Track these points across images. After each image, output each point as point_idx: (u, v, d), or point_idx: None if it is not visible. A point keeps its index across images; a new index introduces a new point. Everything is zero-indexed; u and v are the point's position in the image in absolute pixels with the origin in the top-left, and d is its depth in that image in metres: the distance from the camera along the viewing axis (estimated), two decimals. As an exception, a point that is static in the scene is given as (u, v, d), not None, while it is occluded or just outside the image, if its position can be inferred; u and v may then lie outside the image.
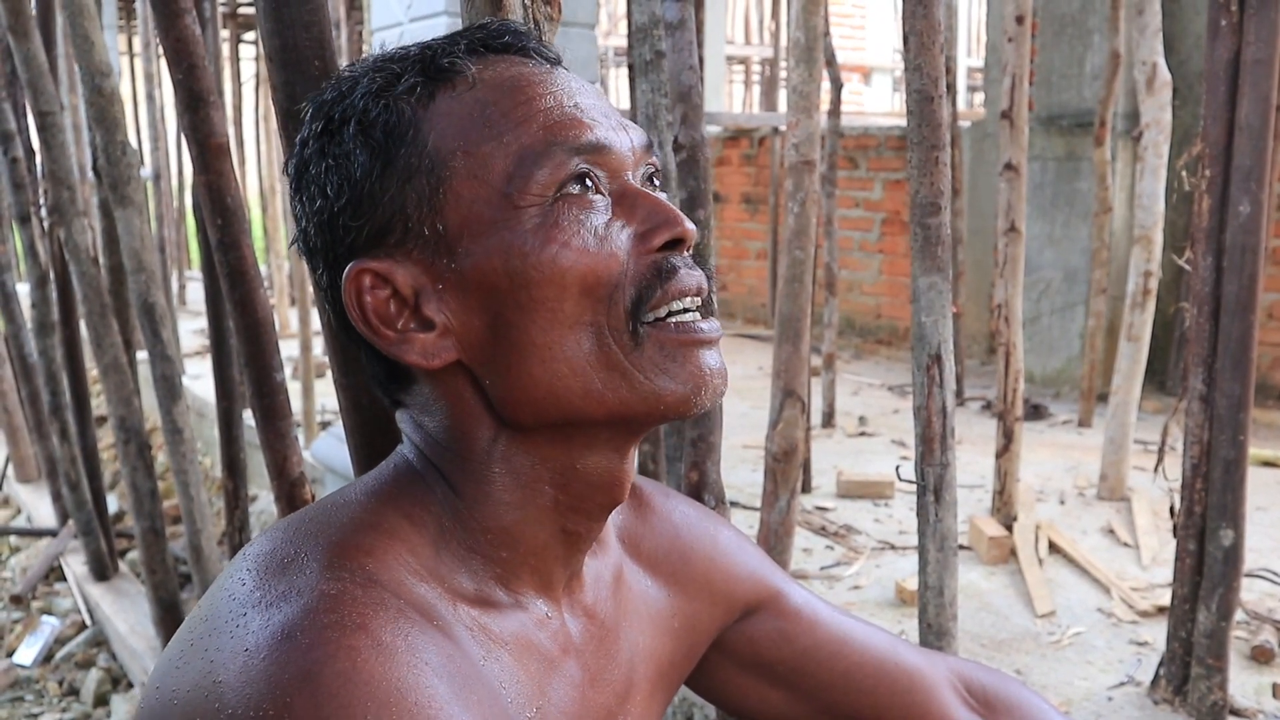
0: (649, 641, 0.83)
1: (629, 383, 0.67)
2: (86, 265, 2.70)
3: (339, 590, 0.60)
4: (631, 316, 0.67)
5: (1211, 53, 1.79)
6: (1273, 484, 3.30)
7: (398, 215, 0.67)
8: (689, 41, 1.51)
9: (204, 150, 1.46)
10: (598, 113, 0.70)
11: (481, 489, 0.70)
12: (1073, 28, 4.48)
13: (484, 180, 0.66)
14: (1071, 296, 4.52)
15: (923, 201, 1.45)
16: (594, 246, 0.66)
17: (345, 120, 0.69)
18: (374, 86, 0.69)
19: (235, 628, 0.58)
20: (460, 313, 0.68)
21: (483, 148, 0.67)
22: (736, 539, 0.95)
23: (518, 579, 0.71)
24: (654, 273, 0.68)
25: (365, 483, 0.72)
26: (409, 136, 0.68)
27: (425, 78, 0.69)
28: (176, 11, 1.47)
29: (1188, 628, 1.90)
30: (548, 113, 0.68)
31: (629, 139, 0.71)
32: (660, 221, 0.68)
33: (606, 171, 0.69)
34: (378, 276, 0.68)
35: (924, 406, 1.47)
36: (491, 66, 0.70)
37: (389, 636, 0.58)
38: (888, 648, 0.96)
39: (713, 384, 0.69)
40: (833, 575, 2.63)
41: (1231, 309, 1.80)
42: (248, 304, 1.48)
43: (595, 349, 0.67)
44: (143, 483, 2.67)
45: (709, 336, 0.70)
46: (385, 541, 0.66)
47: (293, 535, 0.66)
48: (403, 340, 0.68)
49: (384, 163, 0.67)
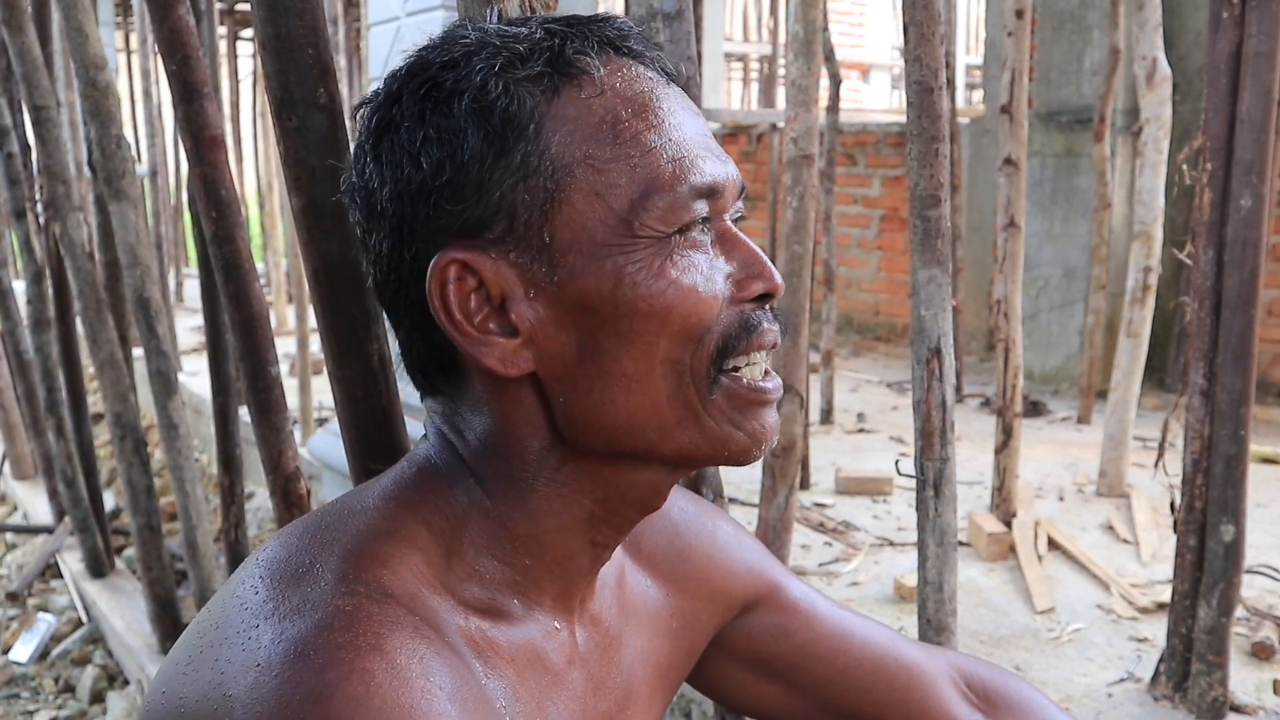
0: (648, 643, 0.82)
1: (700, 426, 0.67)
2: (82, 261, 2.69)
3: (354, 606, 0.58)
4: (714, 364, 0.67)
5: (1213, 46, 1.78)
6: (1272, 481, 3.29)
7: (503, 212, 0.64)
8: (687, 32, 1.50)
9: (198, 142, 1.45)
10: (714, 147, 0.69)
11: (520, 495, 0.68)
12: (1072, 24, 4.47)
13: (605, 200, 0.64)
14: (1071, 293, 4.51)
15: (922, 194, 1.43)
16: (701, 289, 0.66)
17: (458, 92, 0.64)
18: (495, 64, 0.65)
19: (247, 639, 0.57)
20: (549, 325, 0.66)
21: (609, 166, 0.64)
22: (735, 533, 0.94)
23: (537, 587, 0.70)
24: (742, 324, 0.68)
25: (384, 485, 0.70)
26: (529, 131, 0.64)
27: (553, 69, 0.65)
28: (170, 3, 1.45)
29: (1188, 624, 1.89)
30: (677, 145, 0.66)
31: (730, 175, 0.69)
32: (756, 274, 0.68)
33: (713, 211, 0.68)
34: (466, 268, 0.65)
35: (923, 401, 1.46)
36: (618, 73, 0.67)
37: (403, 658, 0.56)
38: (887, 643, 0.95)
39: (770, 440, 0.70)
40: (831, 572, 2.62)
41: (1233, 303, 1.79)
42: (243, 297, 1.47)
43: (676, 388, 0.66)
44: (139, 479, 2.66)
45: (773, 397, 0.70)
46: (401, 550, 0.64)
47: (308, 542, 0.64)
48: (484, 342, 0.66)
49: (498, 152, 0.64)
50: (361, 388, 1.07)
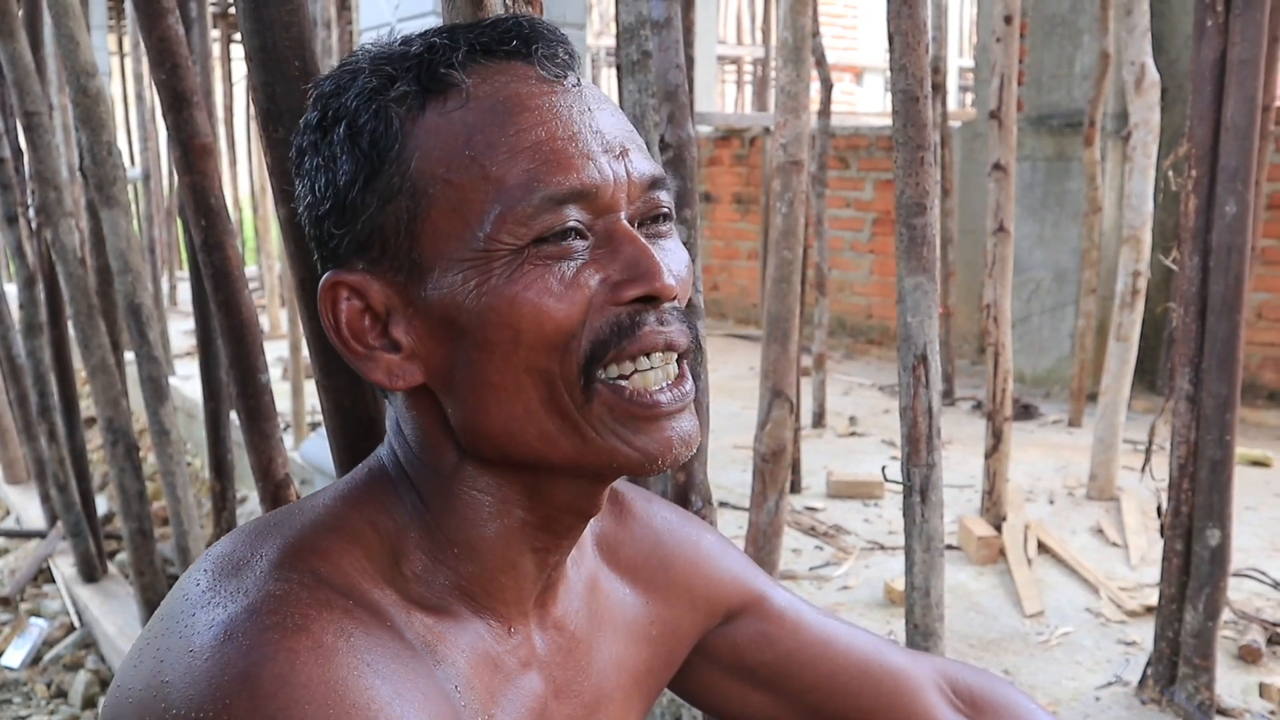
0: (622, 650, 0.82)
1: (581, 436, 0.66)
2: (74, 266, 2.69)
3: (284, 591, 0.60)
4: (584, 372, 0.64)
5: (1198, 53, 1.80)
6: (1261, 484, 3.31)
7: (377, 233, 0.66)
8: (675, 40, 1.51)
9: (188, 151, 1.46)
10: (596, 143, 0.65)
11: (449, 504, 0.69)
12: (1063, 28, 4.48)
13: (461, 216, 0.64)
14: (1061, 296, 4.52)
15: (908, 201, 1.44)
16: (556, 293, 0.63)
17: (338, 120, 0.66)
18: (368, 87, 0.66)
19: (184, 627, 0.59)
20: (426, 340, 0.66)
21: (464, 180, 0.64)
22: (719, 544, 0.94)
23: (485, 593, 0.70)
24: (613, 328, 0.65)
25: (337, 486, 0.72)
26: (394, 151, 0.65)
27: (419, 86, 0.65)
28: (159, 11, 1.46)
29: (1175, 627, 1.90)
30: (535, 148, 0.64)
31: (627, 172, 0.66)
32: (635, 275, 0.65)
33: (592, 212, 0.65)
34: (353, 289, 0.67)
35: (910, 407, 1.47)
36: (490, 79, 0.66)
37: (330, 637, 0.58)
38: (872, 650, 0.95)
39: (673, 452, 0.67)
40: (822, 576, 2.63)
41: (1218, 309, 1.80)
42: (232, 305, 1.48)
43: (549, 396, 0.65)
44: (131, 484, 2.66)
45: (666, 409, 0.66)
46: (342, 545, 0.66)
47: (253, 538, 0.66)
48: (369, 357, 0.68)
49: (367, 176, 0.65)
50: (348, 396, 1.08)
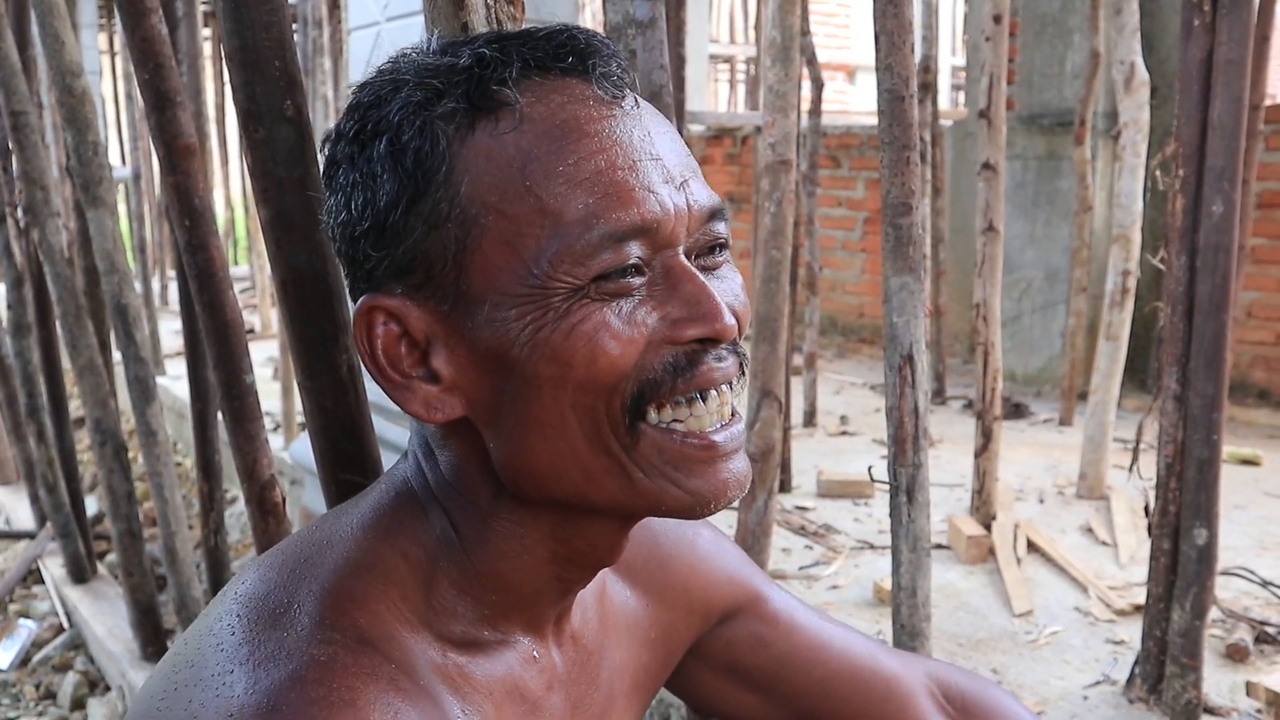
0: (625, 655, 0.82)
1: (628, 477, 0.64)
2: (61, 266, 2.68)
3: (329, 656, 0.58)
4: (629, 411, 0.63)
5: (1185, 53, 1.80)
6: (1251, 482, 3.31)
7: (420, 259, 0.62)
8: (660, 41, 1.51)
9: (171, 151, 1.45)
10: (656, 173, 0.62)
11: (481, 535, 0.68)
12: (1053, 27, 4.49)
13: (515, 250, 0.61)
14: (1053, 295, 4.53)
15: (894, 202, 1.44)
16: (614, 332, 0.61)
17: (378, 133, 0.63)
18: (413, 100, 0.62)
19: (221, 685, 0.57)
20: (470, 372, 0.64)
21: (519, 211, 0.60)
22: (715, 541, 0.94)
23: (506, 620, 0.70)
24: (667, 368, 0.63)
25: (363, 511, 0.70)
26: (441, 174, 0.61)
27: (468, 104, 0.62)
28: (142, 11, 1.45)
29: (1162, 627, 1.91)
30: (595, 179, 0.60)
31: (688, 204, 0.63)
32: (696, 315, 0.62)
33: (652, 247, 0.62)
34: (391, 315, 0.64)
35: (896, 407, 1.47)
36: (545, 99, 0.62)
37: (377, 714, 0.56)
38: (865, 654, 0.96)
39: (728, 494, 0.64)
40: (811, 575, 2.63)
41: (1205, 309, 1.80)
42: (216, 306, 1.47)
43: (595, 436, 0.63)
44: (119, 485, 2.65)
45: (722, 451, 0.64)
46: (379, 587, 0.64)
47: (286, 577, 0.64)
48: (406, 387, 0.65)
49: (411, 198, 0.62)
50: (331, 398, 1.07)
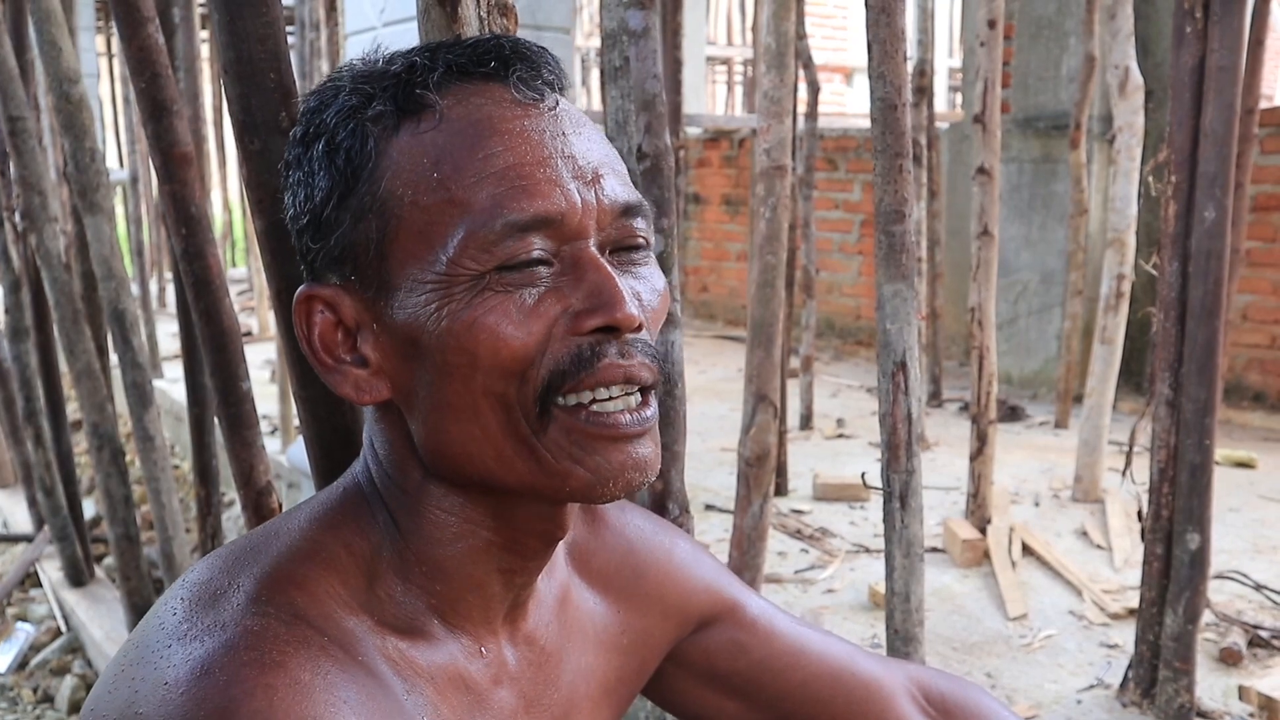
0: (592, 660, 0.83)
1: (537, 460, 0.66)
2: (58, 271, 2.68)
3: (261, 626, 0.60)
4: (541, 399, 0.65)
5: (1177, 59, 1.81)
6: (1245, 485, 3.32)
7: (349, 250, 0.67)
8: (653, 50, 1.52)
9: (167, 160, 1.46)
10: (566, 169, 0.65)
11: (416, 523, 0.70)
12: (1049, 31, 4.50)
13: (426, 239, 0.64)
14: (1048, 298, 4.54)
15: (887, 209, 1.45)
16: (515, 321, 0.64)
17: (318, 136, 0.68)
18: (348, 105, 0.67)
19: (159, 659, 0.59)
20: (392, 357, 0.67)
21: (431, 202, 0.64)
22: (693, 551, 0.94)
23: (454, 611, 0.71)
24: (573, 358, 0.65)
25: (313, 507, 0.72)
26: (367, 170, 0.66)
27: (395, 106, 0.66)
28: (139, 20, 1.46)
29: (1155, 631, 1.92)
30: (503, 174, 0.64)
31: (598, 198, 0.66)
32: (597, 304, 0.64)
33: (558, 240, 0.65)
34: (326, 303, 0.68)
35: (889, 414, 1.48)
36: (465, 100, 0.66)
37: (307, 675, 0.58)
38: (845, 658, 0.96)
39: (625, 475, 0.66)
40: (807, 579, 2.64)
41: (1197, 314, 1.81)
42: (213, 313, 1.48)
43: (506, 420, 0.66)
44: (117, 489, 2.66)
45: (626, 432, 0.66)
46: (319, 572, 0.66)
47: (230, 564, 0.66)
48: (338, 370, 0.69)
49: (341, 193, 0.66)
50: (325, 406, 1.08)
